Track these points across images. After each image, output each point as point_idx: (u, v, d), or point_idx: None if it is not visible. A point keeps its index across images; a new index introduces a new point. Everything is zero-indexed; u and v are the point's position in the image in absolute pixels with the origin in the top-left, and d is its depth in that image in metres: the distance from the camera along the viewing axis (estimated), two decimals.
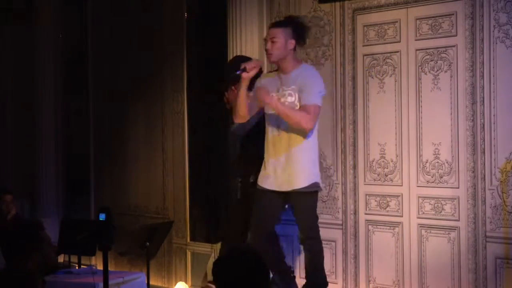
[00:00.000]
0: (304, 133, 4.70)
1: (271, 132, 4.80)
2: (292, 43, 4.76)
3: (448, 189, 5.00)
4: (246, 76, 4.75)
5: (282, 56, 4.76)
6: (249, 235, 4.98)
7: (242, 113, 4.85)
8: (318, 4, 5.67)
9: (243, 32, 5.95)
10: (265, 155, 4.83)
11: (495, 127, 4.78)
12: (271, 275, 3.91)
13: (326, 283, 4.96)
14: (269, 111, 4.80)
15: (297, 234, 5.49)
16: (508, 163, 4.74)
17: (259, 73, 4.93)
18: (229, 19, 6.03)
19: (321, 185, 4.89)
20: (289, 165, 4.73)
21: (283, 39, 4.73)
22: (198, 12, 6.68)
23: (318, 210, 5.57)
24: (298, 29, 4.81)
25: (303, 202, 4.80)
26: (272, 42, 4.75)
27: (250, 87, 4.85)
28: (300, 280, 5.60)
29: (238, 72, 4.76)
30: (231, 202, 5.51)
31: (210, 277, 5.78)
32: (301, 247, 4.99)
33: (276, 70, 4.90)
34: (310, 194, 4.80)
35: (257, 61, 4.88)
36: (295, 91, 4.72)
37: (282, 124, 4.73)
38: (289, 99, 4.73)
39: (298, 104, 4.71)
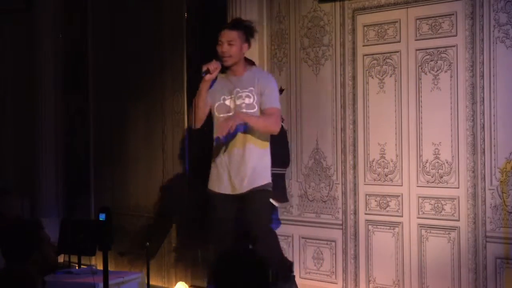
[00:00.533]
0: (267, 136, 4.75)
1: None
2: (245, 46, 4.78)
3: (448, 189, 5.00)
4: (209, 78, 4.72)
5: (238, 59, 4.76)
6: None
7: (204, 115, 4.82)
8: (318, 4, 5.68)
9: None
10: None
11: (495, 127, 4.78)
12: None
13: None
14: (222, 114, 4.77)
15: (295, 234, 5.53)
16: (508, 163, 4.74)
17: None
18: (229, 19, 6.03)
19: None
20: (243, 167, 4.72)
21: (239, 42, 4.74)
22: (198, 12, 6.68)
23: (319, 210, 5.58)
24: (249, 33, 4.82)
25: (259, 200, 4.76)
26: (229, 45, 4.73)
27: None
28: (301, 281, 5.62)
29: (203, 75, 4.74)
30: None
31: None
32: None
33: (222, 72, 4.82)
34: (266, 192, 4.79)
35: (217, 62, 4.79)
36: (253, 92, 4.71)
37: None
38: (247, 100, 4.72)
39: (256, 105, 4.71)
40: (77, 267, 6.36)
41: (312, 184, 5.69)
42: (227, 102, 4.78)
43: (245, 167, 4.71)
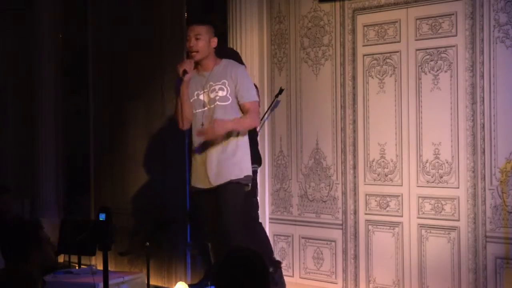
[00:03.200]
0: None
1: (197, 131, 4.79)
2: (214, 41, 4.76)
3: (448, 189, 5.00)
4: (188, 78, 4.73)
5: (206, 54, 4.75)
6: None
7: (190, 116, 4.81)
8: (318, 4, 5.68)
9: (243, 32, 5.96)
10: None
11: (495, 127, 4.78)
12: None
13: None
14: (198, 109, 4.77)
15: (295, 234, 5.52)
16: (508, 163, 4.74)
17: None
18: (229, 19, 6.03)
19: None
20: (217, 160, 4.71)
21: (207, 37, 4.73)
22: (198, 12, 6.68)
23: (319, 210, 5.58)
24: (215, 27, 4.83)
25: (230, 192, 4.74)
26: (197, 39, 4.72)
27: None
28: (301, 281, 5.62)
29: (182, 77, 4.73)
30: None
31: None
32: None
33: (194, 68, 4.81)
34: (239, 185, 4.75)
35: (190, 60, 4.78)
36: (226, 85, 4.71)
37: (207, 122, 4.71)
38: (220, 93, 4.72)
39: (230, 97, 4.70)
40: (77, 267, 6.36)
41: (312, 184, 5.69)
42: (201, 97, 4.78)
43: (220, 160, 4.71)
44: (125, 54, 7.34)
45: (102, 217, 4.05)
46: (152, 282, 6.13)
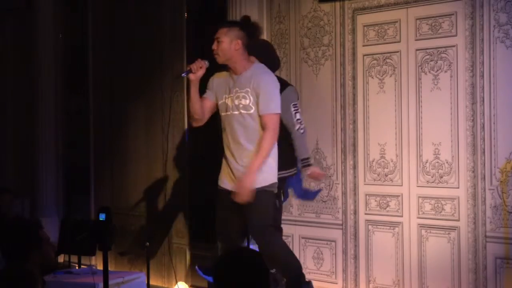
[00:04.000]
0: None
1: (224, 137, 4.79)
2: (238, 43, 4.70)
3: (448, 189, 5.00)
4: (194, 77, 4.72)
5: (228, 57, 4.72)
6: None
7: (198, 116, 4.82)
8: (318, 4, 5.68)
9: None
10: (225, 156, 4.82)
11: (495, 127, 4.78)
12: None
13: (300, 274, 4.87)
14: (223, 113, 4.78)
15: (295, 234, 5.52)
16: (508, 163, 4.74)
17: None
18: (229, 19, 6.03)
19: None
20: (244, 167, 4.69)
21: (227, 39, 4.70)
22: (198, 12, 6.68)
23: (319, 210, 5.58)
24: (245, 29, 4.78)
25: (258, 200, 4.69)
26: (218, 42, 4.73)
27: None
28: None
29: (183, 75, 4.73)
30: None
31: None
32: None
33: (227, 70, 4.83)
34: (267, 193, 4.72)
35: (202, 61, 4.77)
36: (249, 93, 4.67)
37: (237, 128, 4.70)
38: (243, 101, 4.69)
39: (253, 107, 4.66)
40: (77, 267, 6.36)
41: (312, 184, 5.69)
42: (227, 101, 4.77)
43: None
44: (125, 54, 7.34)
45: (102, 217, 4.05)
46: (152, 282, 6.14)
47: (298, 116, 5.16)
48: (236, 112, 4.71)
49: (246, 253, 2.90)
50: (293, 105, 5.14)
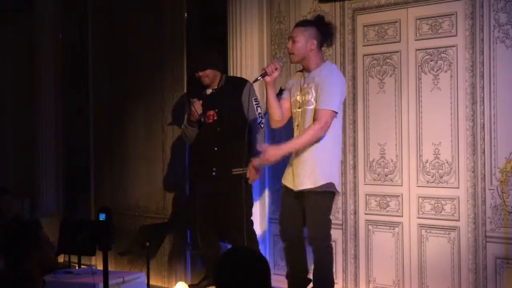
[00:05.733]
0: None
1: (295, 134, 4.84)
2: (313, 43, 4.75)
3: (448, 189, 5.00)
4: (270, 79, 4.75)
5: (303, 56, 4.77)
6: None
7: (277, 117, 4.86)
8: (318, 4, 5.67)
9: (243, 32, 5.96)
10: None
11: (495, 127, 4.78)
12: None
13: None
14: (294, 109, 4.84)
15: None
16: (508, 163, 4.74)
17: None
18: (229, 19, 6.03)
19: (337, 186, 4.81)
20: (300, 165, 4.75)
21: (303, 39, 4.74)
22: (198, 12, 6.68)
23: None
24: (322, 29, 4.81)
25: (312, 202, 4.76)
26: (293, 42, 4.77)
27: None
28: None
29: (259, 78, 4.77)
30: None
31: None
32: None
33: (301, 70, 4.92)
34: (320, 194, 4.75)
35: (277, 62, 4.81)
36: (312, 89, 4.73)
37: (303, 124, 4.74)
38: (307, 96, 4.75)
39: (314, 102, 4.71)
40: (77, 267, 6.36)
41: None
42: (298, 98, 4.83)
43: (305, 164, 4.74)
44: (125, 54, 7.34)
45: (102, 217, 4.05)
46: (152, 282, 6.13)
47: (259, 110, 5.47)
48: (302, 109, 4.77)
49: (246, 253, 2.90)
50: (255, 99, 5.45)
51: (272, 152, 4.69)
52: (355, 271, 5.46)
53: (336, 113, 4.71)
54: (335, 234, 5.54)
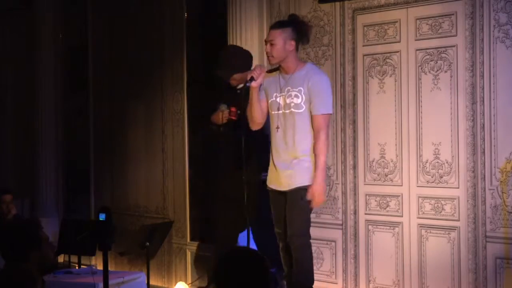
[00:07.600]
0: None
1: (276, 135, 4.79)
2: (291, 44, 4.72)
3: (448, 189, 5.00)
4: (256, 84, 4.74)
5: (282, 58, 4.73)
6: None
7: (260, 120, 4.86)
8: (318, 4, 5.67)
9: (243, 32, 5.95)
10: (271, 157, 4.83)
11: (495, 127, 4.78)
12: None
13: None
14: (274, 111, 4.80)
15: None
16: (508, 163, 4.74)
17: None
18: (229, 19, 6.03)
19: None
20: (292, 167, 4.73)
21: (281, 41, 4.70)
22: (198, 12, 6.68)
23: (318, 210, 5.57)
24: (299, 29, 4.77)
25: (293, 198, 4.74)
26: (271, 44, 4.72)
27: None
28: None
29: (248, 85, 4.76)
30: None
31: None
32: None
33: (276, 69, 4.87)
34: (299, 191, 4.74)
35: (260, 66, 4.83)
36: (302, 93, 4.69)
37: (288, 127, 4.73)
38: (295, 100, 4.71)
39: (304, 106, 4.68)
40: (77, 267, 6.36)
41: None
42: (278, 100, 4.79)
43: (290, 164, 4.72)
44: (125, 54, 7.34)
45: (102, 217, 4.05)
46: (152, 282, 6.14)
47: None
48: (287, 111, 4.74)
49: (246, 253, 2.90)
50: None
51: (317, 193, 4.64)
52: (355, 271, 5.46)
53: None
54: (335, 234, 5.55)
